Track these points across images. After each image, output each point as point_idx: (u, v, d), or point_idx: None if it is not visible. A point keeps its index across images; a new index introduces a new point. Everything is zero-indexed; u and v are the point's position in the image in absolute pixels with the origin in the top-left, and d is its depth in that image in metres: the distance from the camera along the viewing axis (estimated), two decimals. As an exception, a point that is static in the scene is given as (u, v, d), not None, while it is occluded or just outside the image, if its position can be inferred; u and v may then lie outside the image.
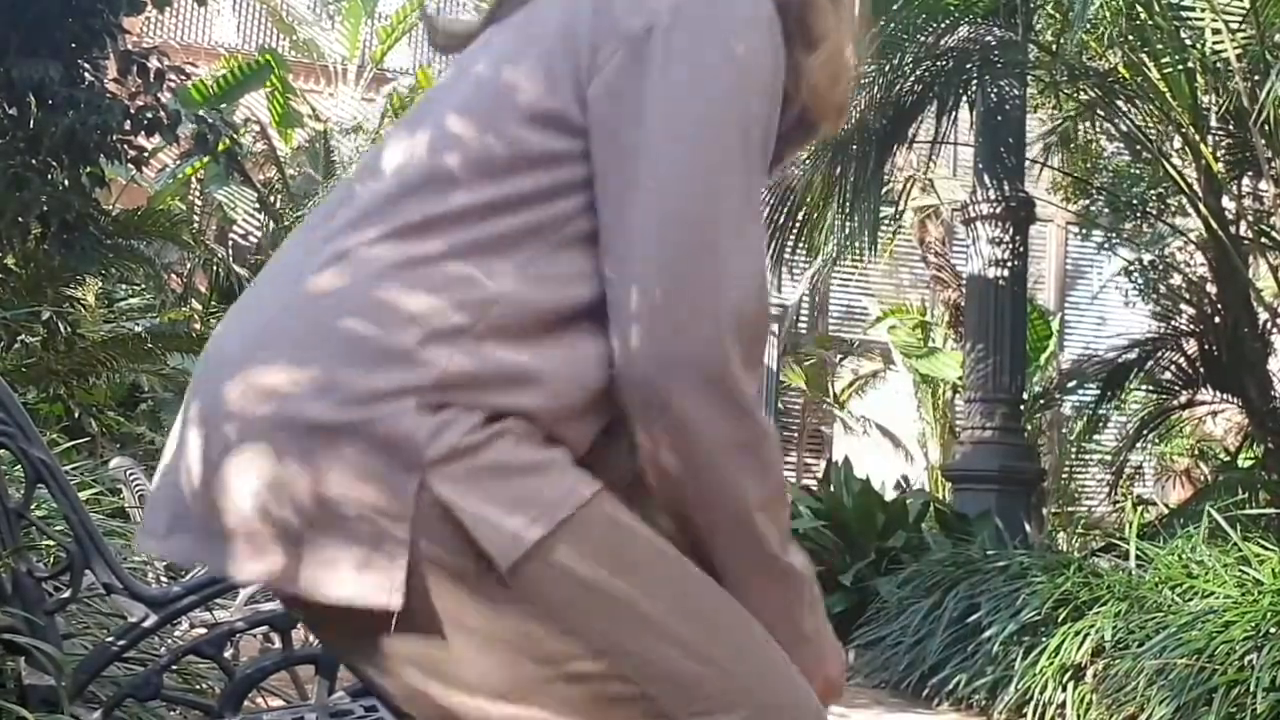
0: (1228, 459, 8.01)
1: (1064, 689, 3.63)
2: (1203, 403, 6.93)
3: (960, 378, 7.51)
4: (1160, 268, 8.14)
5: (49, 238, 4.02)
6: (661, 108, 0.89)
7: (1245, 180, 6.56)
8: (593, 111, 0.90)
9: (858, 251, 6.33)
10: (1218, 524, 4.12)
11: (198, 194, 10.64)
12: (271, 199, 10.73)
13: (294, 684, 2.22)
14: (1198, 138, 5.52)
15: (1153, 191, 7.69)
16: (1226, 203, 6.07)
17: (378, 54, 12.25)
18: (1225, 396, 6.49)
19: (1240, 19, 4.82)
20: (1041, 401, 8.24)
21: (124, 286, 7.63)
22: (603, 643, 0.85)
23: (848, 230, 6.07)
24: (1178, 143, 6.14)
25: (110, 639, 1.63)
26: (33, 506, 1.44)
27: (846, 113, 1.10)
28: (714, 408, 0.89)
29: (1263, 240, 6.07)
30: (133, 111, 4.09)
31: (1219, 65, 5.17)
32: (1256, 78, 4.90)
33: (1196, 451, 9.25)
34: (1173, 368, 6.72)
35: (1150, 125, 6.14)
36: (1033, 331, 8.23)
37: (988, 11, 5.41)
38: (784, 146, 1.03)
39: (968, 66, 5.63)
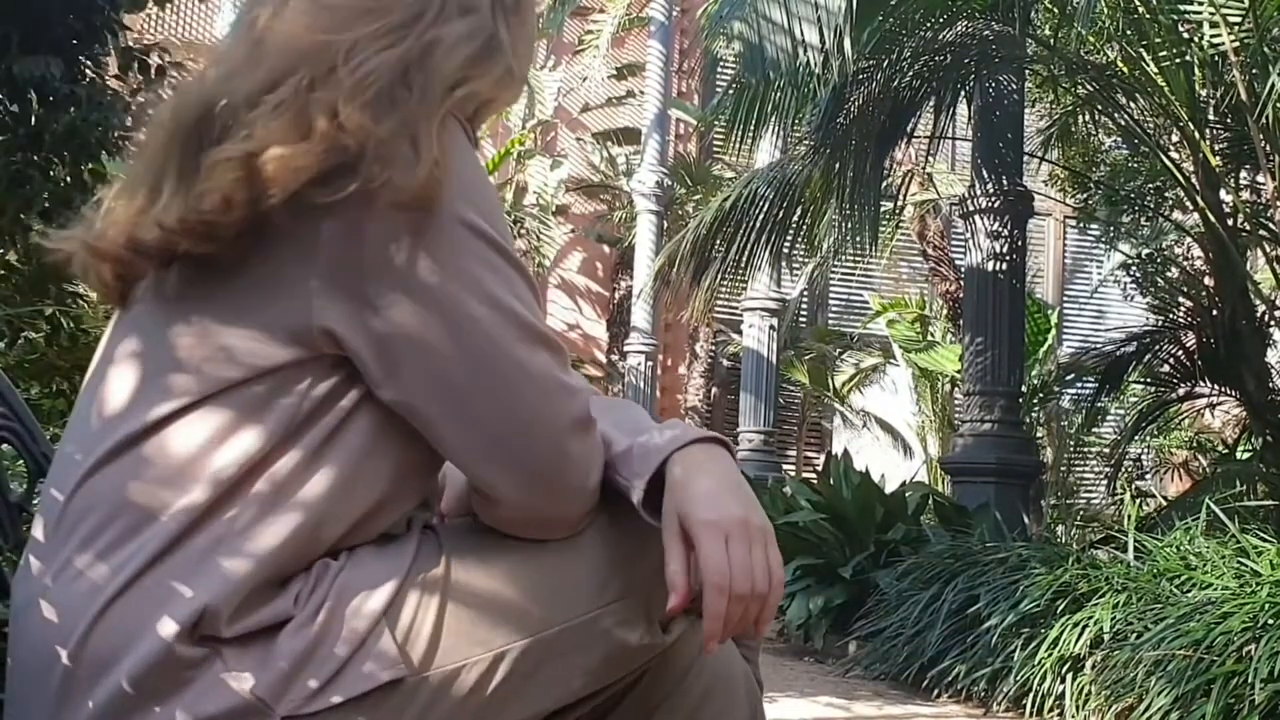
0: (1226, 451, 8.02)
1: (1063, 680, 3.65)
2: (1201, 395, 6.94)
3: (959, 371, 7.53)
4: (1158, 261, 8.15)
5: (51, 234, 4.02)
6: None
7: (1243, 173, 6.57)
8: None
9: (857, 246, 6.33)
10: (1216, 516, 4.14)
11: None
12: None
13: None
14: (1195, 132, 5.53)
15: (1150, 185, 7.70)
16: (1224, 196, 6.08)
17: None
18: (1223, 389, 6.51)
19: (1239, 14, 4.83)
20: (1040, 395, 8.26)
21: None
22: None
23: (847, 225, 6.08)
24: (1175, 136, 6.15)
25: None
26: (35, 501, 1.45)
27: None
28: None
29: (1260, 233, 6.08)
30: (134, 108, 4.09)
31: (1217, 59, 5.18)
32: (1255, 71, 4.91)
33: (1195, 444, 9.26)
34: (1171, 361, 6.73)
35: (1148, 119, 6.14)
36: (1031, 325, 8.24)
37: (985, 6, 5.41)
38: None
39: (966, 61, 5.64)
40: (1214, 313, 6.20)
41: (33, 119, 3.82)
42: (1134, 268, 8.27)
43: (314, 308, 0.96)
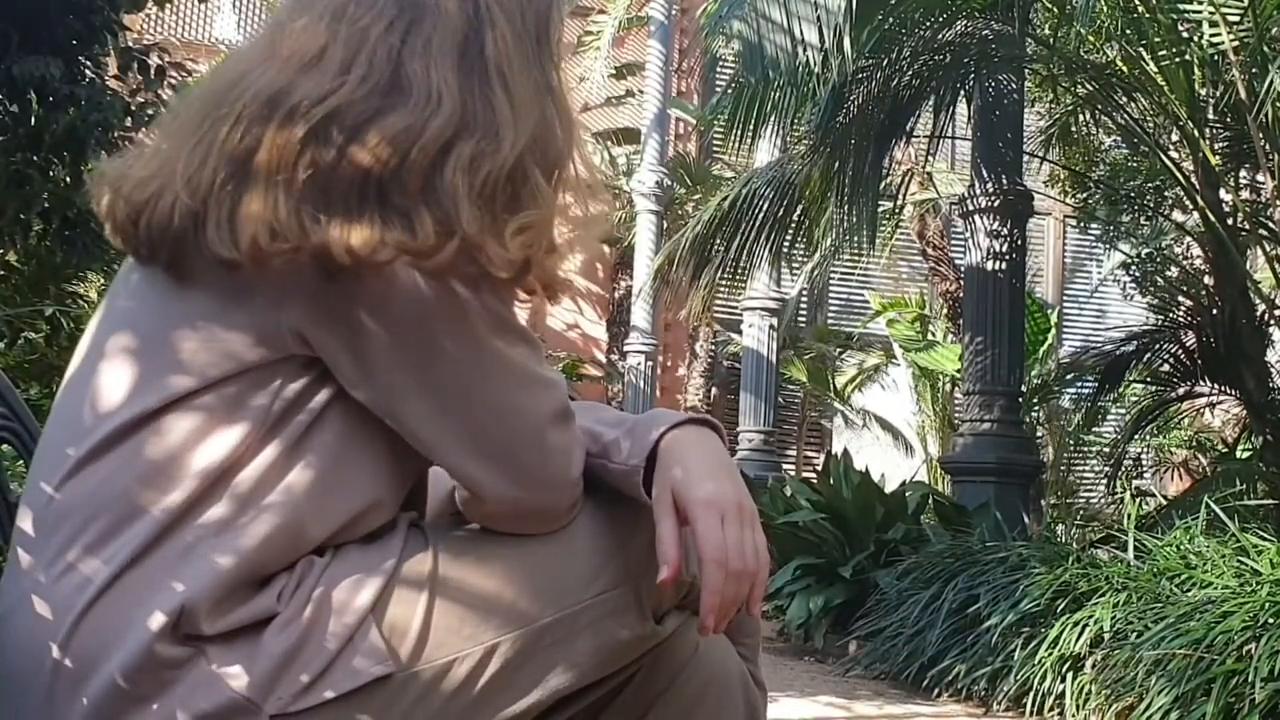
0: (1225, 450, 8.03)
1: (1063, 679, 3.64)
2: (1201, 395, 6.93)
3: (959, 371, 7.52)
4: (1158, 260, 8.15)
5: (51, 234, 4.03)
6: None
7: (1243, 173, 6.57)
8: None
9: (856, 245, 6.33)
10: (1216, 515, 4.14)
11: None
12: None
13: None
14: (1195, 131, 5.53)
15: (1150, 185, 7.69)
16: (1224, 195, 6.08)
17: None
18: (1223, 388, 6.51)
19: (1239, 13, 4.83)
20: (1040, 394, 8.26)
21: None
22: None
23: (846, 224, 6.07)
24: (1175, 136, 6.15)
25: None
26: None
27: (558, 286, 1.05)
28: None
29: (1260, 232, 6.08)
30: (134, 108, 4.10)
31: (1216, 58, 5.18)
32: (1254, 70, 4.91)
33: (1194, 443, 9.26)
34: (1171, 360, 6.72)
35: (1148, 119, 6.14)
36: (1031, 324, 8.24)
37: (985, 6, 5.41)
38: None
39: (965, 61, 5.64)
40: (1214, 312, 6.20)
41: (33, 119, 3.83)
42: (1134, 267, 8.27)
43: (284, 309, 0.96)
